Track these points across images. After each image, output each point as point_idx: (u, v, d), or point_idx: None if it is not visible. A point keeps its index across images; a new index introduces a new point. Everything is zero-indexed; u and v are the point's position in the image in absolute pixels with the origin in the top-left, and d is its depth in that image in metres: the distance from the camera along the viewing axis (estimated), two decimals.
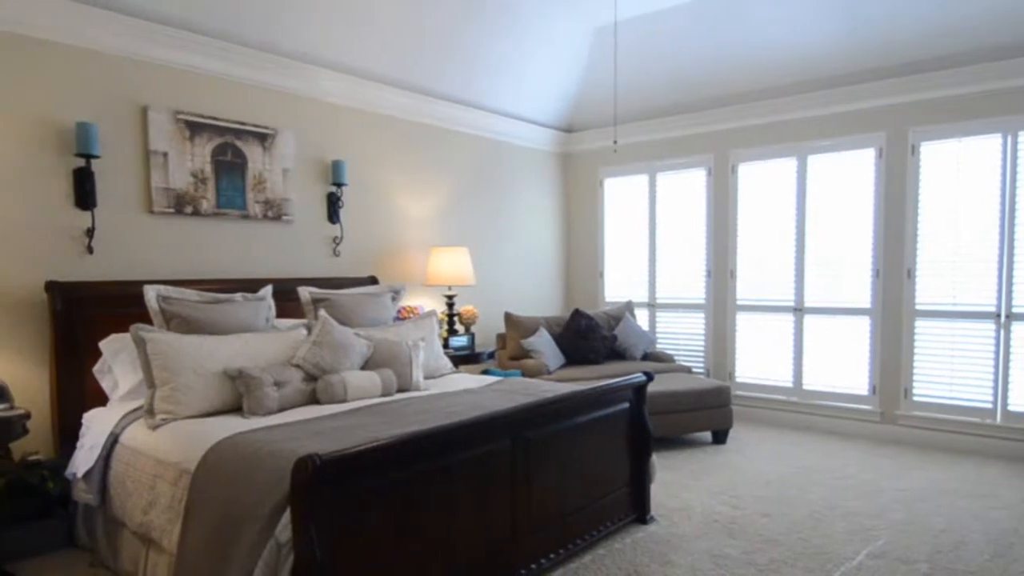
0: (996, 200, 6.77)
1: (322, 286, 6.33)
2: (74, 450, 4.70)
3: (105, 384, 4.94)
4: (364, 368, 5.30)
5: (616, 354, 8.30)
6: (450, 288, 7.66)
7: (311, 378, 4.91)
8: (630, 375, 5.08)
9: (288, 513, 2.98)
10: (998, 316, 6.81)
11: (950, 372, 7.12)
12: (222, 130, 5.97)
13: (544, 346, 7.81)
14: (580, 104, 9.38)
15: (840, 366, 7.86)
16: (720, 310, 8.70)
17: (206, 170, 5.87)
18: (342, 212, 6.97)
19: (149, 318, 4.86)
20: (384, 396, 5.10)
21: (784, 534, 4.87)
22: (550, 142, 9.73)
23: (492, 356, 7.91)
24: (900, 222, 7.29)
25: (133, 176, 5.47)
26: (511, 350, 8.00)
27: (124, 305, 5.17)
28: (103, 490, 4.42)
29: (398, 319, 6.63)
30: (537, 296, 9.68)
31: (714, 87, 8.31)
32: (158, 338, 4.46)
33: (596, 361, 8.00)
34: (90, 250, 5.23)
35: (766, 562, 4.42)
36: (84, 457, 4.51)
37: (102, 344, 4.93)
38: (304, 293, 5.84)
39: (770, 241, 8.27)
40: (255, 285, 5.88)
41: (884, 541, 4.74)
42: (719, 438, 7.36)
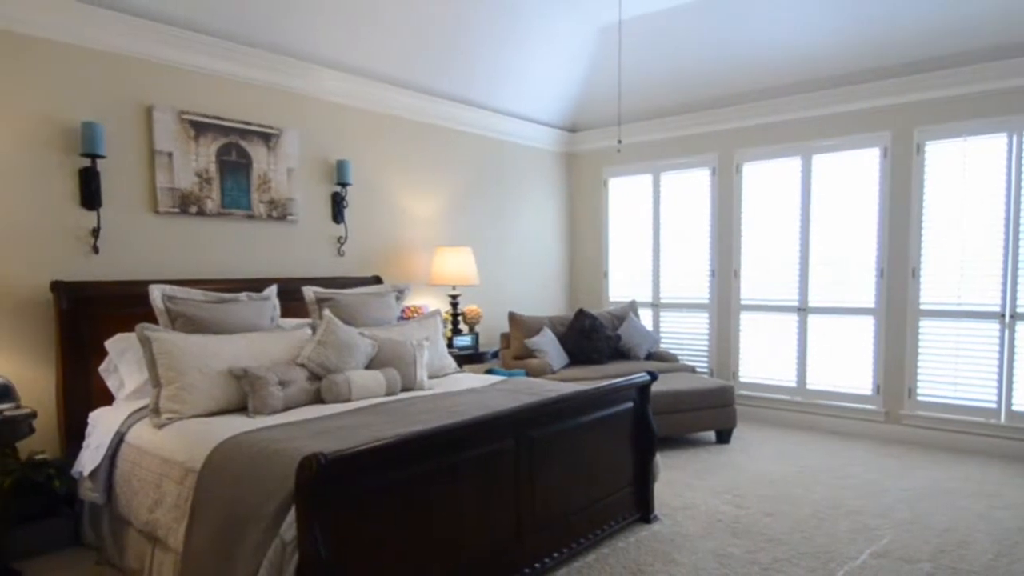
0: (1001, 199, 6.76)
1: (326, 286, 6.34)
2: (80, 449, 4.72)
3: (111, 383, 4.95)
4: (368, 367, 5.30)
5: (620, 354, 8.31)
6: (454, 288, 7.66)
7: (316, 377, 4.93)
8: (634, 375, 5.07)
9: (293, 512, 2.98)
10: (1003, 316, 6.80)
11: (954, 372, 7.11)
12: (227, 130, 5.99)
13: (548, 346, 7.81)
14: (584, 104, 9.38)
15: (844, 366, 7.85)
16: (724, 310, 8.70)
17: (211, 170, 5.89)
18: (346, 212, 6.98)
19: (154, 318, 4.88)
20: (388, 395, 5.11)
21: (788, 533, 4.87)
22: (554, 142, 9.73)
23: (496, 356, 7.92)
24: (905, 222, 7.28)
25: (138, 176, 5.49)
26: (515, 350, 8.00)
27: (129, 305, 5.18)
28: (109, 489, 4.44)
29: (402, 319, 6.64)
30: (541, 296, 9.68)
31: (718, 86, 8.31)
32: (163, 337, 4.48)
33: (600, 361, 8.00)
34: (95, 250, 5.25)
35: (770, 561, 4.43)
36: (90, 456, 4.53)
37: (108, 343, 4.95)
38: (309, 293, 5.85)
39: (774, 241, 8.26)
40: (260, 285, 5.89)
41: (888, 540, 4.74)
42: (723, 438, 7.36)
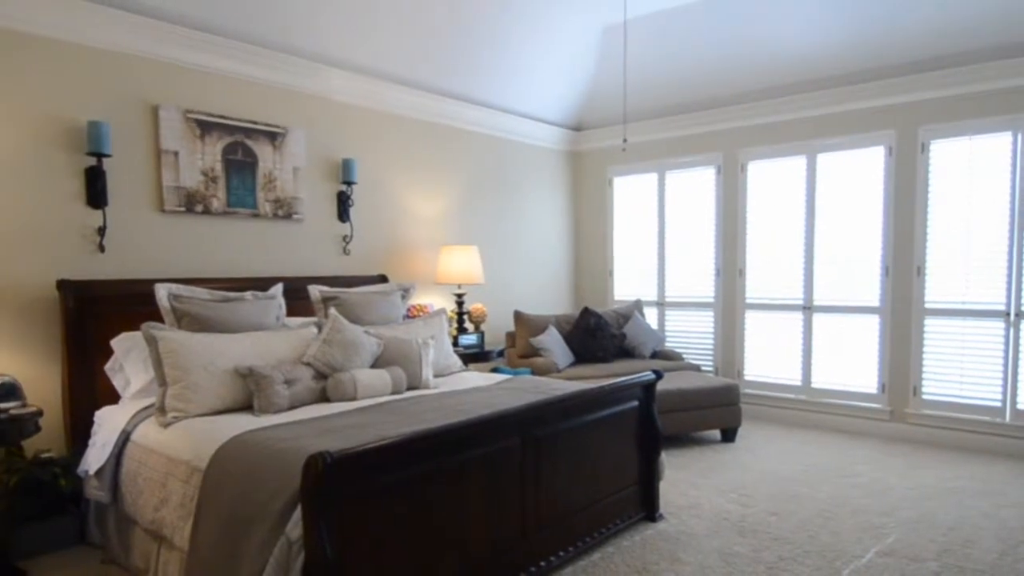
0: (1006, 198, 6.75)
1: (332, 284, 6.35)
2: (86, 448, 4.72)
3: (117, 382, 4.96)
4: (374, 366, 5.31)
5: (625, 352, 8.31)
6: (460, 286, 7.67)
7: (321, 376, 4.93)
8: (639, 373, 5.07)
9: (299, 511, 2.98)
10: (1008, 314, 6.79)
11: (959, 370, 7.10)
12: (232, 129, 5.99)
13: (553, 344, 7.82)
14: (589, 103, 9.38)
15: (849, 364, 7.84)
16: (729, 308, 8.70)
17: (217, 169, 5.90)
18: (352, 211, 6.99)
19: (160, 316, 4.89)
20: (394, 394, 5.12)
21: (793, 532, 4.87)
22: (559, 141, 9.74)
23: (501, 354, 7.93)
24: (910, 220, 7.28)
25: (144, 175, 5.50)
26: (520, 348, 8.01)
27: (135, 303, 5.20)
28: (115, 487, 4.44)
29: (408, 317, 6.64)
30: (546, 294, 9.69)
31: (723, 85, 8.31)
32: (169, 336, 4.48)
33: (605, 359, 8.00)
34: (101, 248, 5.26)
35: (775, 560, 4.43)
36: (96, 455, 4.54)
37: (114, 342, 4.96)
38: (314, 291, 5.85)
39: (779, 239, 8.26)
40: (266, 283, 5.90)
41: (893, 539, 4.74)
42: (728, 436, 7.36)
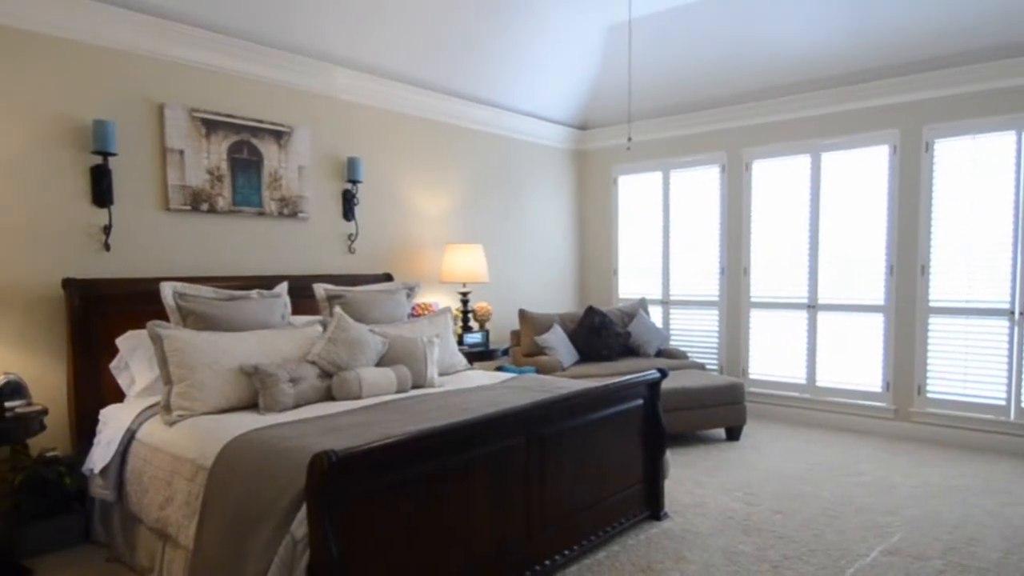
0: (1010, 197, 6.74)
1: (337, 283, 6.35)
2: (91, 446, 4.73)
3: (122, 380, 4.97)
4: (379, 365, 5.31)
5: (630, 351, 8.31)
6: (465, 285, 7.67)
7: (326, 375, 4.94)
8: (644, 372, 5.07)
9: (304, 509, 2.98)
10: (1012, 313, 6.78)
11: (964, 369, 7.10)
12: (238, 128, 6.00)
13: (558, 343, 7.82)
14: (594, 101, 9.38)
15: (854, 363, 7.84)
16: (734, 307, 8.70)
17: (222, 168, 5.90)
18: (357, 209, 6.99)
19: (166, 315, 4.89)
20: (399, 392, 5.12)
21: (798, 531, 4.87)
22: (564, 139, 9.73)
23: (506, 353, 7.93)
24: (914, 219, 7.27)
25: (150, 173, 5.51)
26: (525, 347, 8.01)
27: (141, 302, 5.20)
28: (120, 486, 4.45)
29: (413, 316, 6.65)
30: (551, 293, 9.69)
31: (728, 85, 8.30)
32: (174, 335, 4.49)
33: (610, 358, 8.01)
34: (107, 247, 5.27)
35: (780, 559, 4.43)
36: (101, 453, 4.54)
37: (119, 341, 4.97)
38: (319, 290, 5.86)
39: (784, 238, 8.25)
40: (271, 282, 5.91)
41: (898, 538, 4.74)
42: (733, 435, 7.36)
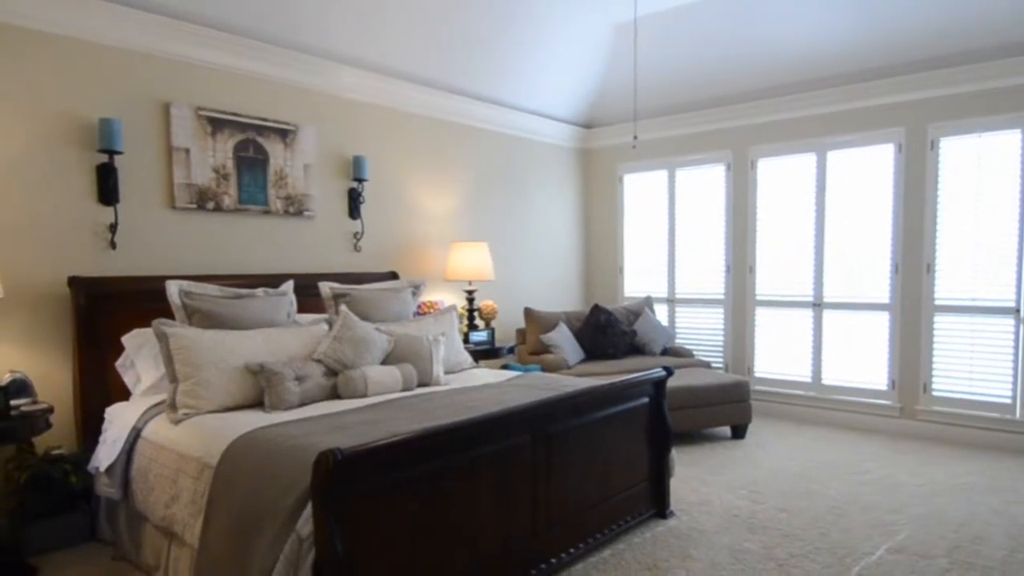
0: (1016, 195, 6.72)
1: (343, 281, 6.34)
2: (97, 444, 4.74)
3: (128, 379, 4.98)
4: (385, 363, 5.31)
5: (635, 349, 8.30)
6: (470, 283, 7.67)
7: (332, 373, 4.93)
8: (649, 370, 5.07)
9: (309, 508, 2.99)
10: (1017, 311, 6.77)
11: (969, 367, 7.08)
12: (244, 126, 6.00)
13: (564, 341, 7.82)
14: (600, 100, 9.37)
15: (859, 361, 7.83)
16: (739, 305, 8.69)
17: (228, 166, 5.91)
18: (363, 208, 6.99)
19: (171, 313, 4.90)
20: (405, 391, 5.12)
21: (804, 529, 4.86)
22: (570, 138, 9.73)
23: (512, 351, 7.92)
24: (919, 217, 7.26)
25: (155, 172, 5.51)
26: (531, 345, 8.01)
27: (146, 300, 5.21)
28: (125, 484, 4.45)
29: (418, 314, 6.65)
30: (557, 291, 9.69)
31: (733, 83, 8.29)
32: (180, 333, 4.49)
33: (615, 356, 8.00)
34: (113, 245, 5.27)
35: (786, 557, 4.42)
36: (107, 451, 4.55)
37: (125, 339, 4.98)
38: (325, 288, 5.86)
39: (789, 236, 8.24)
40: (276, 280, 5.91)
41: (904, 536, 4.73)
42: (738, 433, 7.35)
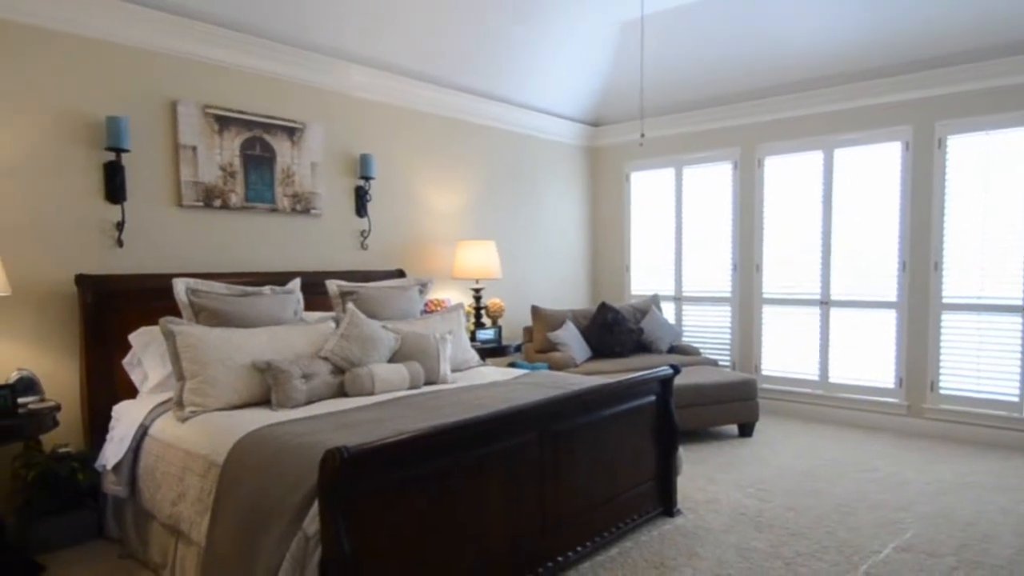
0: (1023, 193, 6.73)
1: (350, 279, 6.35)
2: (104, 442, 4.74)
3: (135, 376, 4.99)
4: (392, 361, 5.31)
5: (642, 347, 8.29)
6: (477, 281, 7.67)
7: (339, 371, 4.93)
8: (656, 368, 5.07)
9: (316, 506, 2.98)
10: None
11: (977, 365, 7.07)
12: (251, 124, 6.01)
13: (571, 339, 7.81)
14: (607, 98, 9.37)
15: (866, 359, 7.82)
16: (746, 303, 8.68)
17: (235, 164, 5.91)
18: (370, 206, 7.00)
19: (178, 311, 4.90)
20: (412, 389, 5.12)
21: (811, 527, 4.85)
22: (577, 136, 9.73)
23: (519, 349, 7.93)
24: (927, 215, 7.24)
25: (162, 170, 5.52)
26: (538, 343, 8.01)
27: (153, 298, 5.22)
28: (132, 482, 4.47)
29: (426, 312, 6.65)
30: (563, 289, 9.68)
31: (740, 81, 8.28)
32: (187, 331, 4.50)
33: (622, 354, 8.00)
34: (120, 243, 5.28)
35: (793, 555, 4.41)
36: (114, 449, 4.55)
37: (132, 337, 4.98)
38: (332, 286, 5.86)
39: (796, 234, 8.23)
40: (284, 278, 5.91)
41: (911, 534, 4.72)
42: (745, 431, 7.35)
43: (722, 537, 4.70)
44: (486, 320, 7.83)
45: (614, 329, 8.01)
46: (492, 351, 7.45)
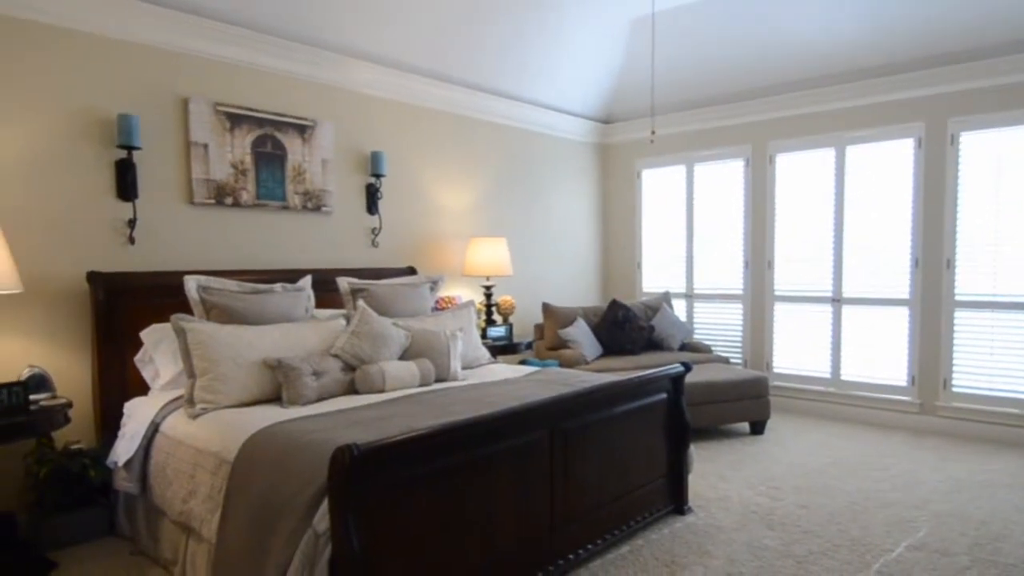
0: None
1: (361, 276, 6.35)
2: (115, 439, 4.75)
3: (146, 374, 5.00)
4: (402, 358, 5.31)
5: (653, 344, 8.27)
6: (488, 278, 7.67)
7: (350, 368, 4.94)
8: (668, 365, 5.05)
9: (326, 503, 2.99)
10: None
11: (990, 363, 7.03)
12: (262, 122, 6.01)
13: (581, 336, 7.80)
14: (617, 95, 9.35)
15: (879, 357, 7.78)
16: (758, 301, 8.66)
17: (246, 161, 5.92)
18: (380, 203, 7.00)
19: (189, 308, 4.92)
20: (422, 386, 5.12)
21: (822, 525, 4.84)
22: (587, 133, 9.71)
23: (530, 346, 7.92)
24: (939, 212, 7.21)
25: (174, 167, 5.53)
26: (549, 340, 8.00)
27: (165, 295, 5.24)
28: (144, 479, 4.48)
29: (436, 309, 6.65)
30: (575, 286, 9.67)
31: (752, 78, 8.26)
32: (198, 328, 4.50)
33: (633, 351, 7.98)
34: (131, 241, 5.29)
35: (804, 554, 4.40)
36: (125, 446, 4.57)
37: (143, 334, 5.00)
38: (343, 283, 5.86)
39: (808, 232, 8.20)
40: (294, 276, 5.92)
41: (924, 533, 4.70)
42: (757, 429, 7.33)
43: (733, 535, 4.69)
44: (497, 317, 7.83)
45: (625, 326, 8.00)
46: (503, 348, 7.45)
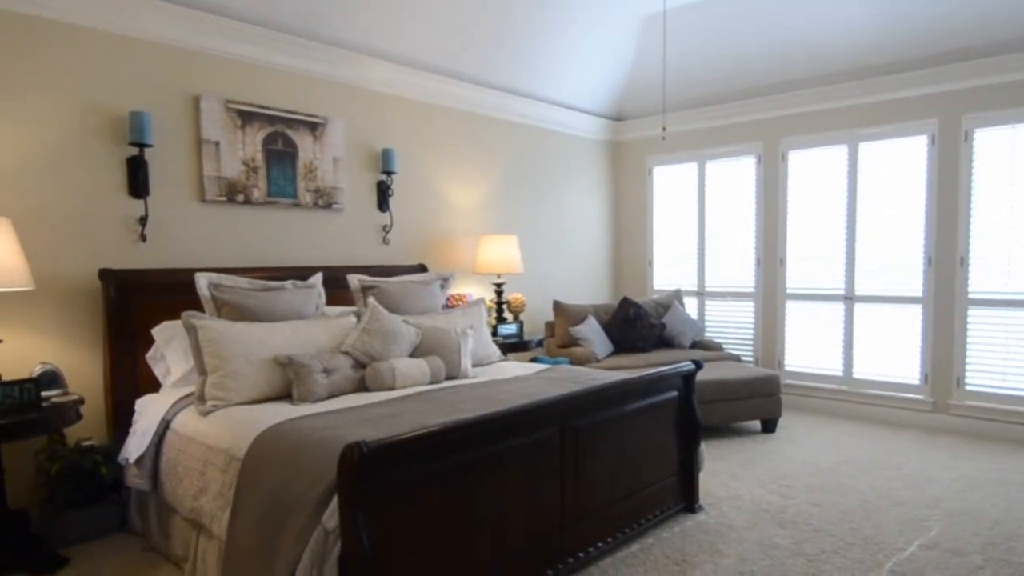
0: None
1: (371, 274, 6.36)
2: (127, 436, 4.77)
3: (158, 371, 5.01)
4: (413, 355, 5.31)
5: (664, 342, 8.26)
6: (499, 276, 7.66)
7: (360, 365, 4.94)
8: (679, 363, 5.04)
9: (335, 500, 2.98)
10: None
11: (1004, 361, 6.99)
12: (273, 119, 6.02)
13: (592, 334, 7.79)
14: (629, 92, 9.34)
15: (891, 355, 7.75)
16: (769, 298, 8.63)
17: (257, 159, 5.92)
18: (392, 200, 7.00)
19: (200, 305, 4.93)
20: (432, 384, 5.12)
21: (834, 524, 4.82)
22: (599, 130, 9.70)
23: (540, 344, 7.91)
24: (953, 210, 7.17)
25: (185, 165, 5.54)
26: (559, 338, 8.00)
27: (176, 292, 5.25)
28: (155, 476, 4.49)
29: (447, 307, 6.65)
30: (585, 284, 9.66)
31: (763, 75, 8.23)
32: (209, 325, 4.51)
33: (644, 349, 7.97)
34: (143, 238, 5.31)
35: (816, 552, 4.38)
36: (136, 443, 4.59)
37: (154, 331, 5.01)
38: (354, 281, 5.86)
39: (820, 229, 8.17)
40: (305, 273, 5.93)
41: (937, 532, 4.68)
42: (768, 427, 7.31)
43: (744, 534, 4.67)
44: (508, 315, 7.82)
45: (636, 324, 7.99)
46: (513, 346, 7.45)
